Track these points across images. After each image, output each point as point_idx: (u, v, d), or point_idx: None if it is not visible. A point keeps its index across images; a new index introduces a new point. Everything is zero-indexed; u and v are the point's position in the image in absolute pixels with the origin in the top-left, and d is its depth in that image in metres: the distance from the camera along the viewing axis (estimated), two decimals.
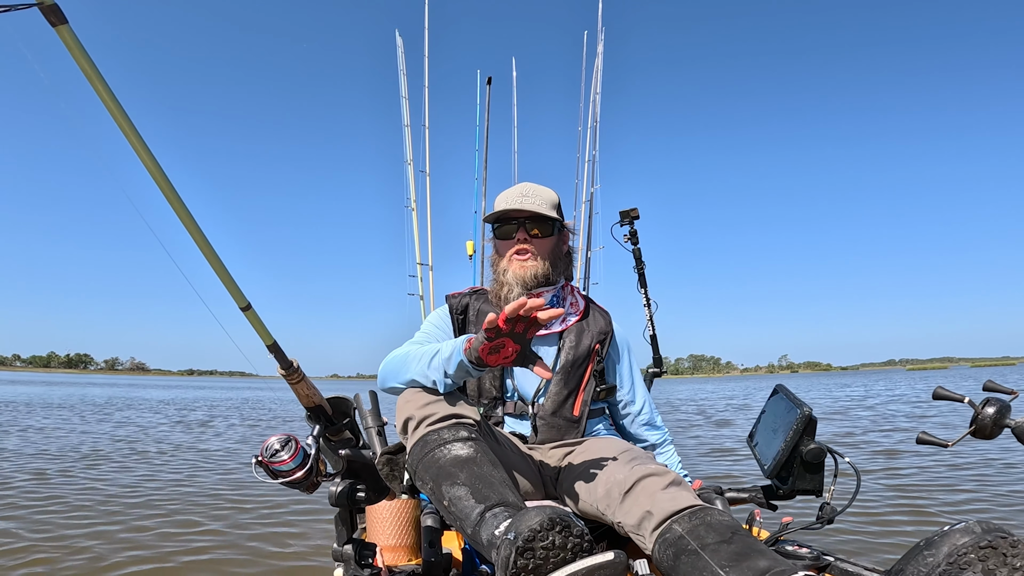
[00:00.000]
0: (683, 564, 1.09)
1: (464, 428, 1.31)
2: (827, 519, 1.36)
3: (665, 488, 1.24)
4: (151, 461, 6.92)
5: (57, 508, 4.45)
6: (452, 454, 1.26)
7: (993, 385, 1.30)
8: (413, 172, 3.88)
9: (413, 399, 1.39)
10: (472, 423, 1.34)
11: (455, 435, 1.29)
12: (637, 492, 1.26)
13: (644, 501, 1.23)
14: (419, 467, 1.29)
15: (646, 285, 3.00)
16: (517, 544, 0.98)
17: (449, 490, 1.20)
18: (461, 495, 1.18)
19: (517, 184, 1.73)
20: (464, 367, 1.30)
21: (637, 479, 1.28)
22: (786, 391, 1.55)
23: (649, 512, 1.20)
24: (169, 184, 0.96)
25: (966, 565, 0.85)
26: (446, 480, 1.22)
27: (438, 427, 1.31)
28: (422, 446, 1.30)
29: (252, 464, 1.20)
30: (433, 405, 1.35)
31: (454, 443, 1.28)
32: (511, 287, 1.62)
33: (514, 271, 1.63)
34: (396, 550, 1.44)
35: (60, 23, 0.75)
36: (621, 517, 1.27)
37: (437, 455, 1.27)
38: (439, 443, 1.28)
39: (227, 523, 4.15)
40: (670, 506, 1.19)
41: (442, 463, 1.25)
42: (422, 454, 1.29)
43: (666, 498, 1.21)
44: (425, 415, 1.33)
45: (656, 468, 1.31)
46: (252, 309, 1.17)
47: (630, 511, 1.25)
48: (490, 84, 4.06)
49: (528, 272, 1.62)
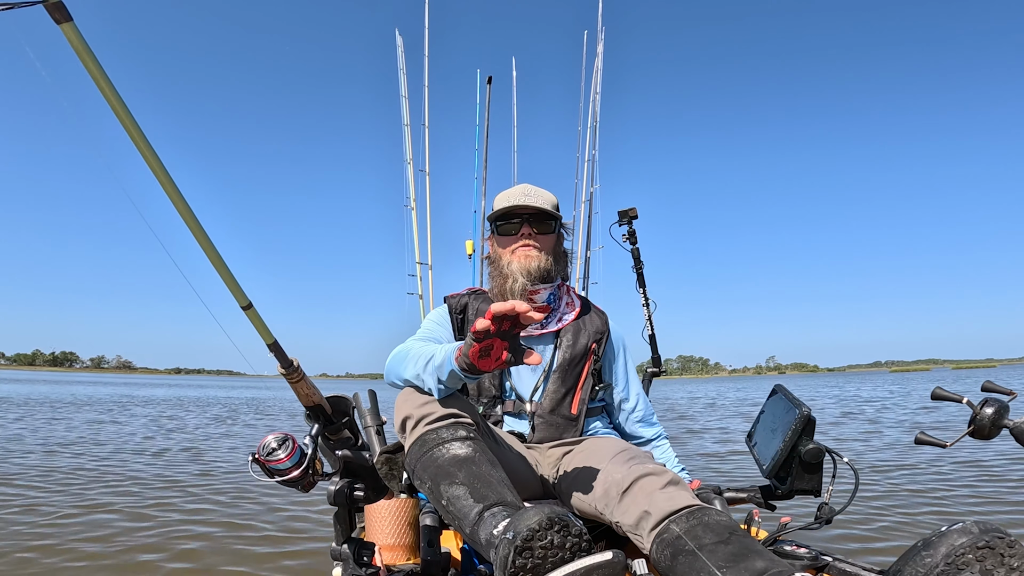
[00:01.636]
0: (680, 564, 1.09)
1: (462, 427, 1.31)
2: (826, 519, 1.36)
3: (663, 488, 1.24)
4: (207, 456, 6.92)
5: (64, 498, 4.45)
6: (451, 453, 1.26)
7: (991, 386, 1.30)
8: (413, 171, 3.88)
9: (411, 398, 1.39)
10: (470, 422, 1.34)
11: (453, 434, 1.29)
12: (635, 492, 1.26)
13: (642, 501, 1.23)
14: (417, 466, 1.29)
15: (645, 285, 3.00)
16: (516, 544, 0.98)
17: (448, 489, 1.20)
18: (460, 494, 1.18)
19: (517, 185, 1.74)
20: (456, 375, 1.29)
21: (635, 479, 1.28)
22: (785, 391, 1.55)
23: (647, 512, 1.20)
24: (172, 183, 0.95)
25: (964, 566, 0.86)
26: (444, 479, 1.22)
27: (436, 426, 1.31)
28: (420, 445, 1.30)
29: (248, 462, 1.20)
30: (431, 404, 1.35)
31: (452, 442, 1.28)
32: (515, 278, 1.62)
33: (519, 261, 1.63)
34: (394, 549, 1.44)
35: (65, 20, 0.75)
36: (619, 517, 1.27)
37: (435, 454, 1.27)
38: (437, 442, 1.28)
39: (227, 522, 4.15)
40: (667, 506, 1.19)
41: (440, 462, 1.25)
42: (420, 453, 1.29)
43: (664, 498, 1.21)
44: (423, 414, 1.33)
45: (654, 468, 1.31)
46: (253, 308, 1.17)
47: (628, 510, 1.25)
48: (490, 83, 4.07)
49: (532, 263, 1.62)
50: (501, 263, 1.67)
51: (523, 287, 1.61)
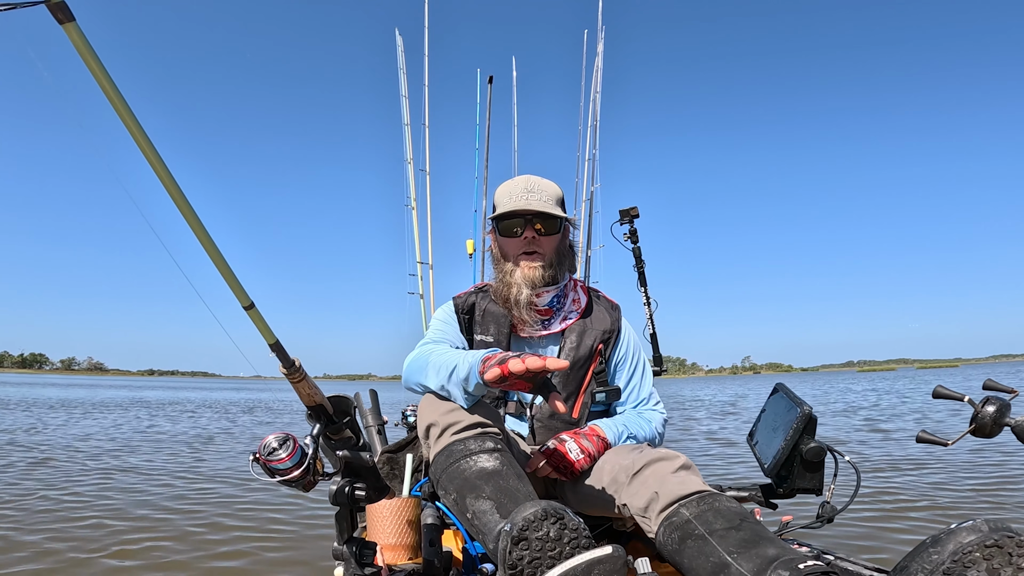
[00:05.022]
0: (689, 548, 1.08)
1: (490, 438, 1.29)
2: (827, 518, 1.36)
3: (675, 472, 1.23)
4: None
5: (72, 500, 4.45)
6: (478, 466, 1.24)
7: (993, 384, 1.30)
8: (413, 171, 3.88)
9: (436, 404, 1.37)
10: (497, 432, 1.33)
11: (481, 446, 1.27)
12: (646, 475, 1.25)
13: (653, 483, 1.22)
14: (443, 477, 1.27)
15: (646, 283, 3.00)
16: (512, 534, 0.98)
17: (473, 503, 1.19)
18: (485, 509, 1.17)
19: (520, 176, 1.67)
20: (482, 386, 1.28)
21: (647, 462, 1.27)
22: (786, 390, 1.55)
23: (657, 494, 1.19)
24: (175, 183, 0.95)
25: (971, 563, 0.85)
26: (471, 492, 1.21)
27: (463, 436, 1.29)
28: (447, 456, 1.28)
29: (249, 461, 1.20)
30: (457, 412, 1.33)
31: (480, 454, 1.26)
32: (519, 288, 1.59)
33: (522, 272, 1.60)
34: (396, 549, 1.43)
35: (68, 20, 0.75)
36: (627, 499, 1.26)
37: (463, 466, 1.25)
38: (465, 454, 1.26)
39: (225, 521, 4.14)
40: (679, 490, 1.18)
41: (467, 475, 1.23)
42: (447, 464, 1.27)
43: (675, 482, 1.20)
44: (449, 422, 1.32)
45: (666, 453, 1.29)
46: (255, 308, 1.17)
47: (637, 492, 1.24)
48: (491, 83, 4.07)
49: (536, 273, 1.59)
50: (505, 268, 1.63)
51: (528, 299, 1.59)
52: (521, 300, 1.58)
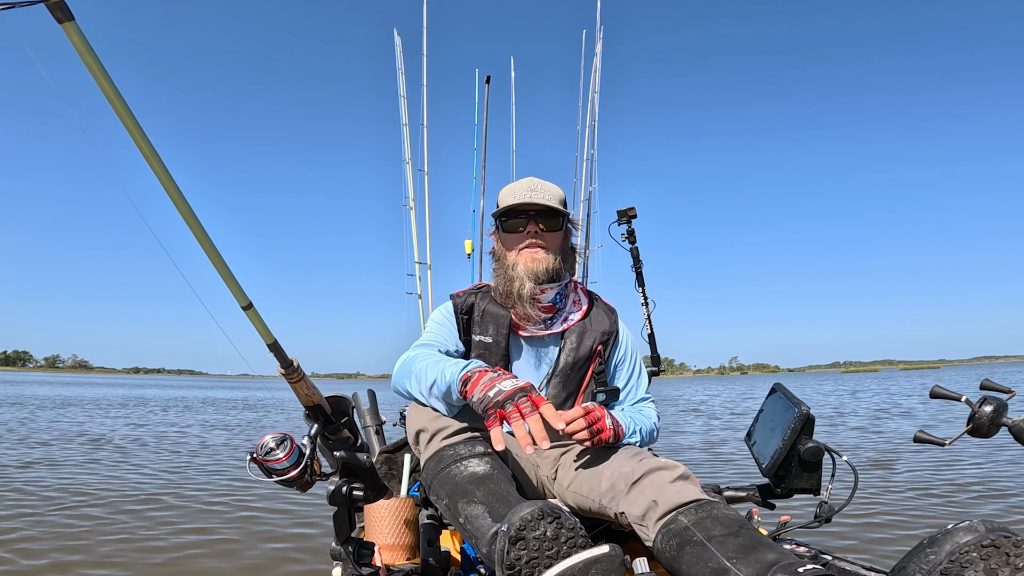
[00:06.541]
0: (687, 555, 1.08)
1: (480, 443, 1.30)
2: (825, 518, 1.36)
3: (673, 481, 1.23)
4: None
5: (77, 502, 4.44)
6: (469, 471, 1.24)
7: (990, 384, 1.30)
8: (412, 171, 3.88)
9: (425, 409, 1.37)
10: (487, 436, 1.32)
11: (471, 450, 1.27)
12: (644, 484, 1.25)
13: (651, 492, 1.22)
14: (434, 482, 1.27)
15: (644, 284, 3.00)
16: (510, 534, 0.98)
17: (466, 508, 1.19)
18: (478, 513, 1.17)
19: (523, 179, 1.69)
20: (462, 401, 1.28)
21: (646, 471, 1.27)
22: (784, 390, 1.55)
23: (655, 502, 1.19)
24: (173, 183, 0.95)
25: (968, 564, 0.85)
26: (462, 497, 1.21)
27: (453, 441, 1.29)
28: (437, 461, 1.28)
29: (247, 461, 1.20)
30: (446, 417, 1.33)
31: (471, 459, 1.26)
32: (522, 281, 1.57)
33: (525, 264, 1.58)
34: (394, 549, 1.43)
35: (67, 20, 0.75)
36: (625, 507, 1.26)
37: (453, 471, 1.25)
38: (455, 459, 1.27)
39: (225, 520, 4.14)
40: (677, 498, 1.18)
41: (459, 480, 1.23)
42: (437, 469, 1.27)
43: (673, 490, 1.20)
44: (439, 428, 1.32)
45: (665, 462, 1.30)
46: (253, 308, 1.17)
47: (636, 501, 1.24)
48: (489, 83, 4.06)
49: (540, 266, 1.57)
50: (507, 263, 1.62)
51: (531, 291, 1.57)
52: (524, 294, 1.56)
